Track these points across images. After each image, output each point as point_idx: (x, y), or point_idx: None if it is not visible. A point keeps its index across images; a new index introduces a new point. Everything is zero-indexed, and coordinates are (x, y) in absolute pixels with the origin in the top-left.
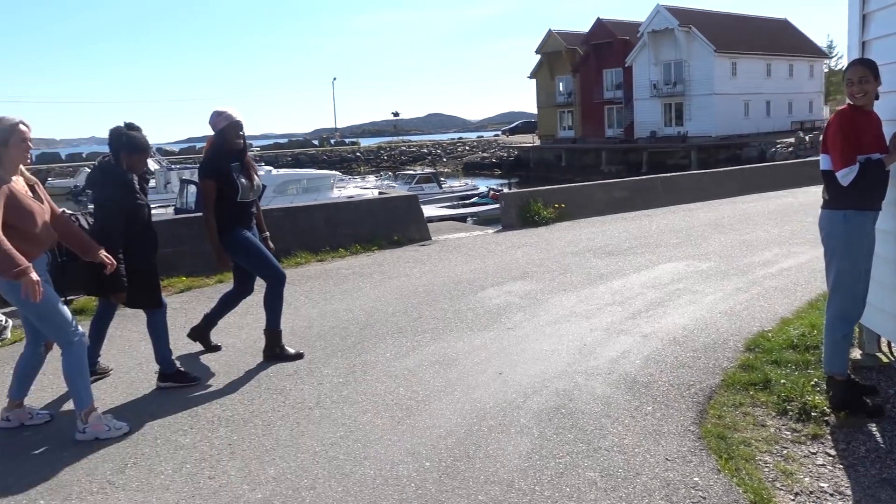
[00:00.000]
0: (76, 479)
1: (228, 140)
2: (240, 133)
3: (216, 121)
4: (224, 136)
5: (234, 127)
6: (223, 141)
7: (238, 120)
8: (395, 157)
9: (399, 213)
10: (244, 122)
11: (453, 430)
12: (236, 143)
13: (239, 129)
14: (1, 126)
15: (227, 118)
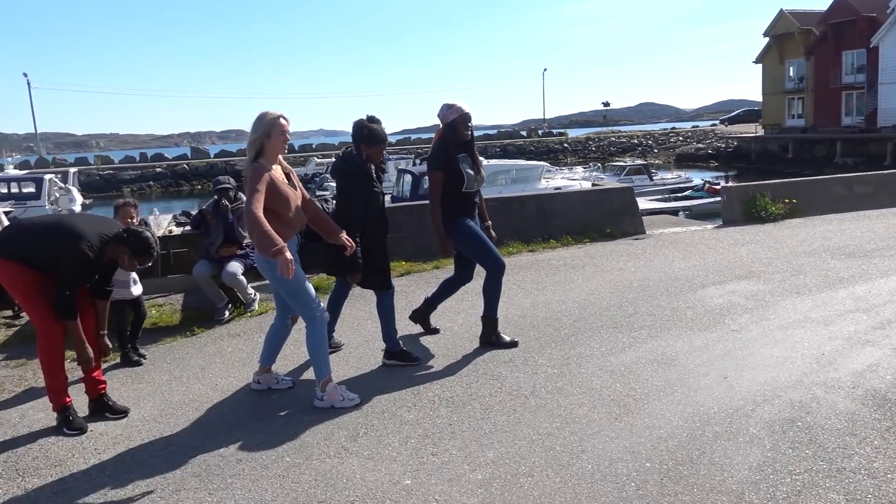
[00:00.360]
0: (315, 442)
1: (458, 132)
2: (468, 125)
3: (446, 113)
4: (454, 128)
5: (463, 119)
6: (453, 133)
7: (467, 112)
8: (604, 148)
9: (613, 205)
10: (472, 115)
11: (674, 432)
12: (464, 135)
13: (468, 121)
14: (264, 121)
15: (458, 111)
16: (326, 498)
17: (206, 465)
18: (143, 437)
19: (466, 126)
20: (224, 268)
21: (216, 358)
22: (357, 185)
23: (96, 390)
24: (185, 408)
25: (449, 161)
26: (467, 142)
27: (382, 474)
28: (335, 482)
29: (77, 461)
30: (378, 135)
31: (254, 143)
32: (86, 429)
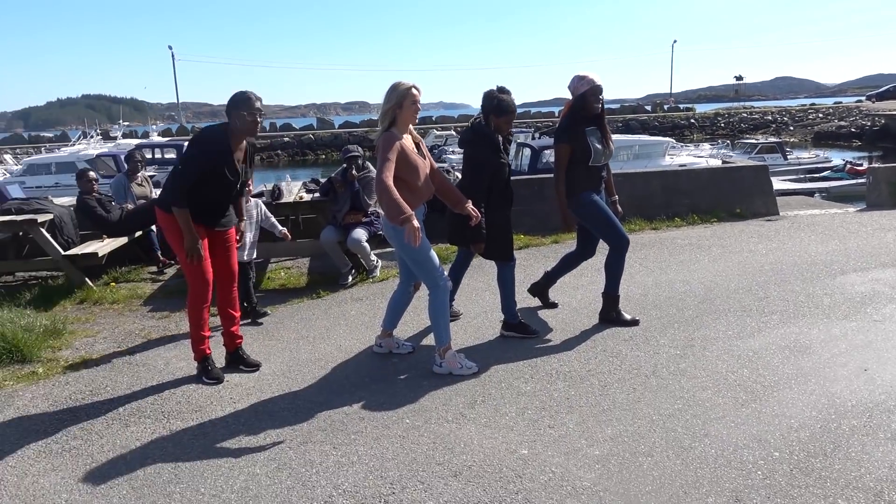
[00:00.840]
0: (434, 406)
1: (588, 104)
2: (599, 97)
3: (577, 85)
4: (584, 100)
5: (594, 91)
6: (582, 105)
7: (599, 84)
8: (734, 125)
9: (745, 184)
10: (603, 87)
11: (806, 423)
12: (594, 108)
13: (598, 93)
14: (397, 91)
15: (589, 82)
16: (444, 461)
17: (331, 420)
18: (273, 390)
19: (597, 98)
20: (349, 234)
21: (340, 320)
22: (484, 156)
23: (233, 344)
24: (311, 365)
25: (576, 134)
26: (597, 115)
27: (499, 442)
28: (453, 446)
29: (215, 408)
30: (507, 105)
31: (387, 114)
32: (222, 379)
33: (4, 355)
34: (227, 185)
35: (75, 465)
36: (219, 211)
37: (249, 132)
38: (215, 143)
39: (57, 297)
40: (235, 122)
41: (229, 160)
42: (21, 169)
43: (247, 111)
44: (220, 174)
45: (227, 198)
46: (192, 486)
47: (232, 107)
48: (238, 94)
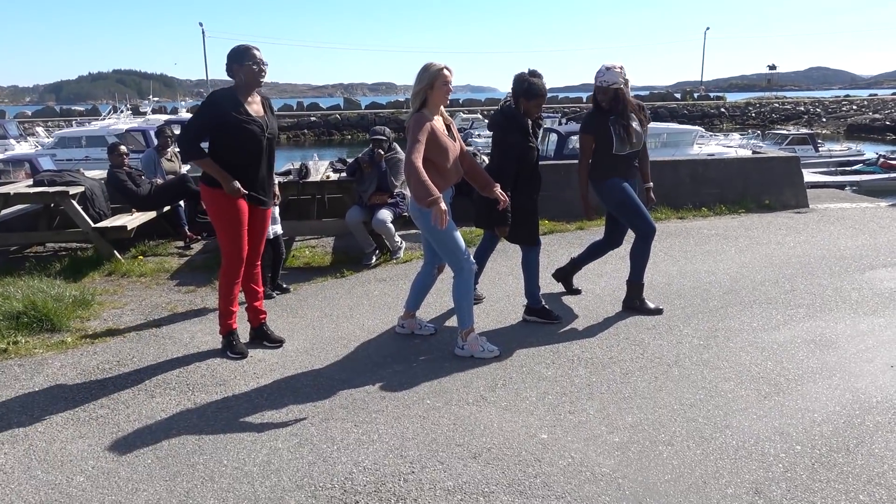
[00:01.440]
0: (455, 388)
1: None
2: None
3: (597, 75)
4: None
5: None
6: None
7: (598, 83)
8: (765, 115)
9: (774, 175)
10: (622, 77)
11: (830, 417)
12: (604, 105)
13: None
14: (429, 71)
15: (596, 76)
16: (464, 442)
17: (353, 398)
18: (296, 367)
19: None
20: (375, 215)
21: (363, 300)
22: (513, 139)
23: (258, 319)
24: (334, 343)
25: (598, 123)
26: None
27: (519, 426)
28: (473, 428)
29: (238, 383)
30: (537, 89)
31: (418, 94)
32: (246, 354)
33: (35, 324)
34: (254, 137)
35: (102, 433)
36: (253, 174)
37: (256, 81)
38: (221, 95)
39: (86, 268)
40: (241, 75)
41: (241, 109)
42: (52, 142)
43: (251, 61)
44: (239, 126)
45: (259, 153)
46: (216, 457)
47: (234, 60)
48: (237, 47)
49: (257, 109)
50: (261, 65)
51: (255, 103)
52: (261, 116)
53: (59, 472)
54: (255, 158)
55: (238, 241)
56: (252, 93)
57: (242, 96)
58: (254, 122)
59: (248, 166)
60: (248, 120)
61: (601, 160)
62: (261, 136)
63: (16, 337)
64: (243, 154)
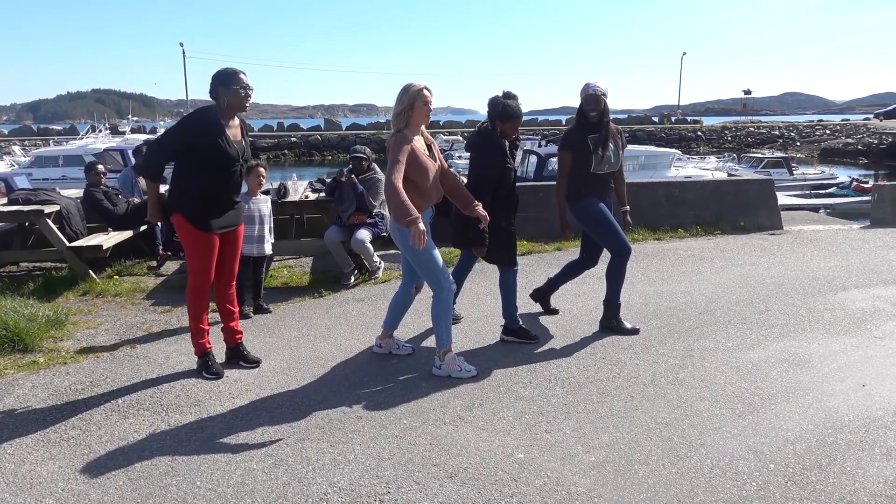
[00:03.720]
0: (432, 408)
1: (583, 111)
2: (591, 106)
3: (580, 92)
4: (580, 108)
5: (587, 100)
6: (580, 112)
7: (591, 93)
8: (741, 139)
9: (750, 197)
10: (603, 94)
11: (803, 436)
12: (590, 115)
13: (590, 101)
14: (409, 92)
15: (584, 91)
16: (441, 462)
17: (329, 419)
18: (272, 387)
19: (590, 107)
20: (353, 234)
21: (341, 320)
22: (490, 159)
23: (233, 339)
24: (310, 364)
25: (577, 140)
26: (600, 123)
27: (496, 445)
28: (449, 448)
29: (213, 403)
30: (512, 111)
31: (399, 115)
32: (222, 374)
33: (6, 343)
34: (228, 163)
35: (73, 454)
36: (225, 199)
37: (241, 106)
38: (200, 115)
39: (60, 288)
40: (225, 98)
41: (220, 133)
42: (29, 161)
43: (237, 85)
44: (215, 150)
45: (232, 180)
46: (189, 479)
47: (221, 83)
48: (224, 69)
49: (236, 134)
50: (247, 90)
51: (235, 127)
52: (237, 142)
53: (28, 495)
54: (227, 183)
55: (206, 265)
56: (234, 116)
57: (224, 119)
58: (232, 148)
59: (221, 191)
60: (227, 145)
61: (578, 179)
62: (236, 161)
63: None
64: (217, 179)
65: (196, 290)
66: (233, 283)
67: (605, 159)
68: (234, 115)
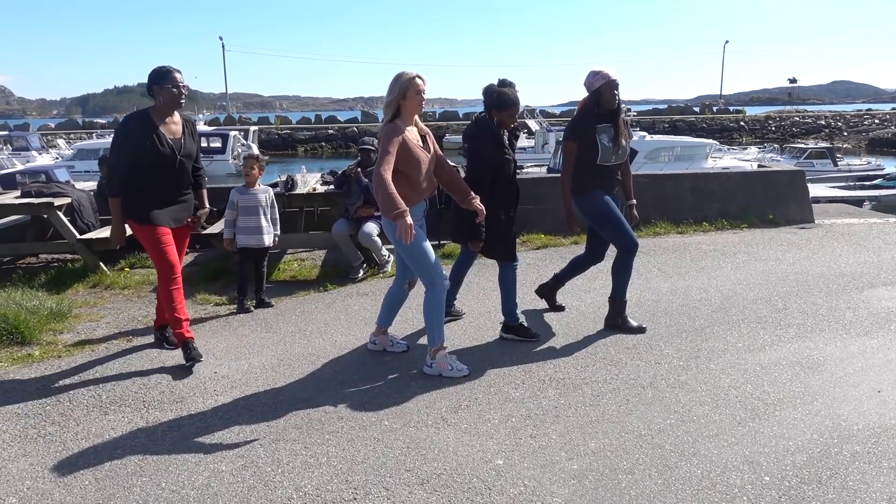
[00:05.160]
0: (416, 409)
1: (603, 99)
2: (615, 92)
3: (592, 80)
4: (599, 95)
5: (609, 86)
6: (596, 101)
7: (615, 79)
8: (785, 129)
9: (780, 188)
10: (620, 83)
11: (805, 446)
12: (611, 103)
13: (614, 87)
14: (401, 81)
15: (604, 77)
16: (415, 467)
17: (309, 418)
18: (258, 384)
19: (613, 93)
20: (361, 228)
21: (341, 315)
22: (487, 151)
23: (163, 319)
24: (302, 360)
25: (584, 131)
26: (613, 111)
27: (475, 450)
28: (426, 452)
29: (196, 400)
30: (508, 99)
31: (390, 104)
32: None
33: (4, 336)
34: (165, 161)
35: (46, 451)
36: (167, 194)
37: (175, 104)
38: (133, 120)
39: (71, 280)
40: (160, 97)
41: (154, 132)
42: (71, 153)
43: (170, 84)
44: (151, 150)
45: (172, 176)
46: (154, 479)
47: (155, 82)
48: (158, 68)
49: (175, 130)
50: (180, 88)
51: (174, 124)
52: (176, 138)
53: None
54: (165, 179)
55: (166, 256)
56: (171, 113)
57: (158, 117)
58: (166, 144)
59: (159, 186)
60: (160, 142)
61: (584, 171)
62: (172, 158)
63: None
64: (153, 174)
65: (165, 282)
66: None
67: (614, 150)
68: (171, 112)
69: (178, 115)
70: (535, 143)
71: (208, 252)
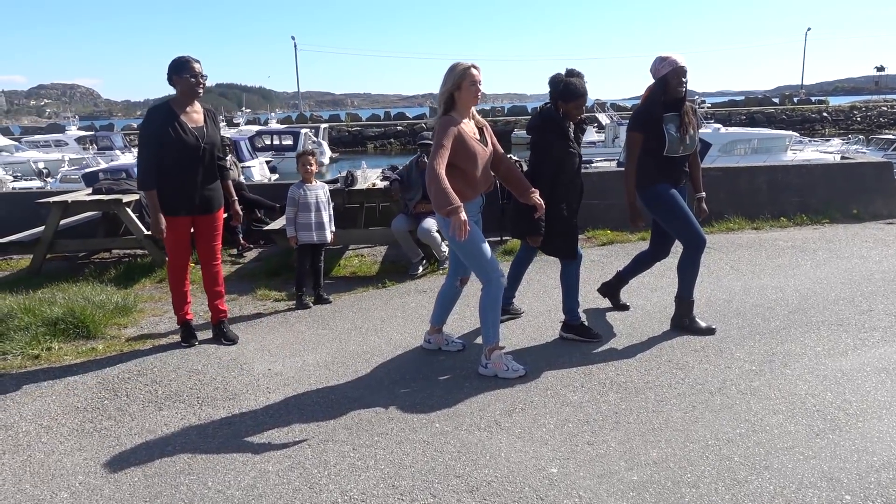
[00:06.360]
0: (469, 412)
1: (670, 87)
2: (682, 80)
3: (658, 67)
4: (665, 83)
5: (676, 73)
6: (663, 88)
7: (682, 65)
8: (872, 119)
9: (865, 182)
10: (688, 69)
11: (891, 461)
12: (678, 91)
13: (682, 75)
14: (454, 72)
15: (671, 63)
16: (464, 473)
17: (360, 419)
18: (311, 382)
19: (680, 81)
20: (420, 224)
21: (398, 312)
22: (550, 143)
23: (216, 317)
24: (356, 358)
25: (650, 121)
26: (679, 100)
27: (529, 457)
28: (477, 458)
29: (248, 398)
30: (575, 89)
31: (443, 96)
32: (193, 343)
33: (71, 330)
34: (189, 150)
35: (101, 446)
36: (192, 183)
37: (193, 93)
38: (155, 112)
39: (139, 275)
40: (179, 87)
41: (176, 122)
42: None
43: (188, 73)
44: (174, 139)
45: (196, 166)
46: (201, 478)
47: (174, 72)
48: (177, 58)
49: (196, 119)
50: (199, 77)
51: (196, 113)
52: (198, 127)
53: (46, 487)
54: (189, 168)
55: (177, 245)
56: (192, 103)
57: (179, 107)
58: (189, 133)
59: (184, 175)
60: (183, 131)
61: (649, 163)
62: (196, 146)
63: (50, 343)
64: (178, 163)
65: (173, 268)
66: (214, 264)
67: (682, 141)
68: (191, 101)
69: (198, 104)
70: (605, 137)
71: (270, 248)
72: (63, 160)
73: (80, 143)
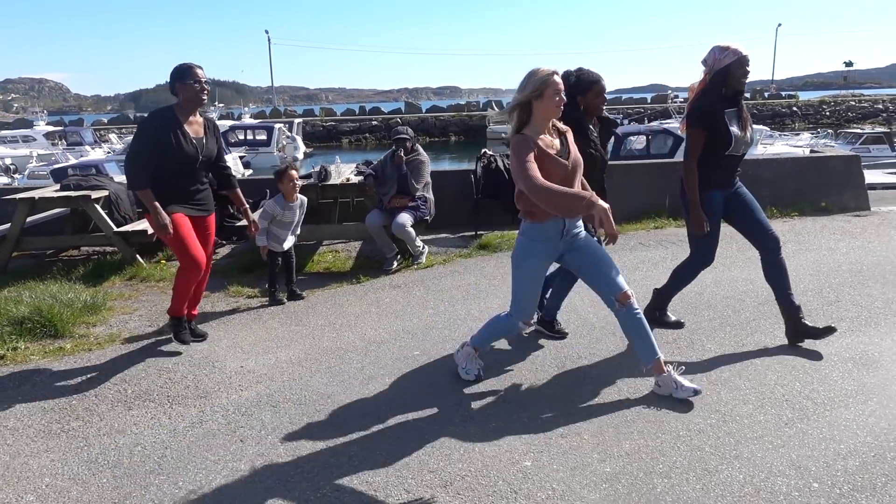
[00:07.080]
0: (444, 407)
1: (733, 78)
2: (747, 70)
3: (719, 57)
4: (727, 75)
5: (741, 62)
6: (724, 81)
7: (746, 55)
8: (840, 114)
9: (833, 175)
10: (750, 59)
11: (858, 449)
12: (740, 83)
13: (746, 64)
14: (534, 78)
15: (735, 52)
16: (438, 468)
17: (333, 415)
18: (284, 379)
19: (745, 71)
20: (394, 219)
21: (372, 307)
22: None
23: (190, 316)
24: (329, 354)
25: (715, 116)
26: (738, 93)
27: (503, 451)
28: (451, 452)
29: (220, 395)
30: (587, 76)
31: (519, 104)
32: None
33: (38, 329)
34: (187, 161)
35: (69, 447)
36: (185, 187)
37: (197, 100)
38: (158, 115)
39: (108, 272)
40: (182, 94)
41: (178, 129)
42: (122, 148)
43: (192, 80)
44: (173, 146)
45: (192, 173)
46: (172, 478)
47: (177, 79)
48: (180, 65)
49: (197, 130)
50: (202, 83)
51: (196, 123)
52: (198, 137)
53: (12, 490)
54: (183, 177)
55: (190, 250)
56: (194, 112)
57: (183, 115)
58: (189, 143)
59: (180, 181)
60: (185, 140)
61: (708, 163)
62: (195, 157)
63: (16, 343)
64: (172, 171)
65: (188, 277)
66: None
67: (743, 138)
68: (194, 110)
69: (199, 114)
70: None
71: (243, 244)
72: (31, 156)
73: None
